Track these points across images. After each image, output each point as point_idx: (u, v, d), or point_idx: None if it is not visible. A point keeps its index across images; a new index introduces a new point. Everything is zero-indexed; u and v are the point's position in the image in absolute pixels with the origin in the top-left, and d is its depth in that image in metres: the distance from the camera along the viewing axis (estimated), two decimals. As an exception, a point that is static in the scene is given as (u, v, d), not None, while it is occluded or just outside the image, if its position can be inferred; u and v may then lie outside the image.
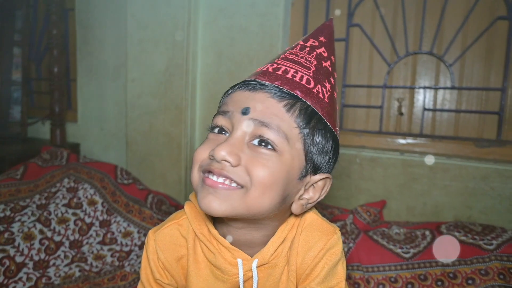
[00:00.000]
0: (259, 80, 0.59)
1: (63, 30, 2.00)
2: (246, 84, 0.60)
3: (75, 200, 1.40)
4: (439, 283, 1.09)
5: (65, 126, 1.99)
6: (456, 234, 1.17)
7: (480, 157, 1.46)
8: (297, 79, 0.59)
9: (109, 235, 1.37)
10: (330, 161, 0.62)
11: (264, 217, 0.59)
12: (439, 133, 1.56)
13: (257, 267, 0.62)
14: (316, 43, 0.64)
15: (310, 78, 0.60)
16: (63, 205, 1.36)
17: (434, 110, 1.56)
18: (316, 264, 0.62)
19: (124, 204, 1.49)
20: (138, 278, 1.15)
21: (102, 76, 2.05)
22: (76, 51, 2.10)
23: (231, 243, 0.62)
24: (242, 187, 0.55)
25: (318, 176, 0.61)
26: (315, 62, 0.62)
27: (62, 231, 1.30)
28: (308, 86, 0.59)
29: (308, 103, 0.58)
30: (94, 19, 2.03)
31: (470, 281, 1.06)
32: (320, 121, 0.59)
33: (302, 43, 0.65)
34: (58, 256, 1.24)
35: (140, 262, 1.28)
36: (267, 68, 0.61)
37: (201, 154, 0.58)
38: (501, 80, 1.45)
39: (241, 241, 0.63)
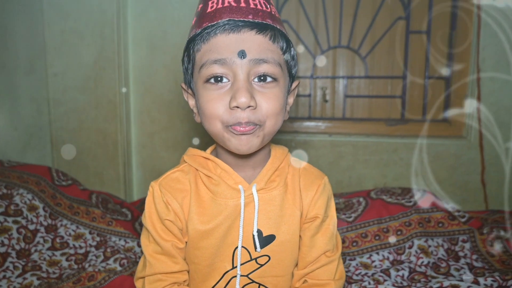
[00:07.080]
0: (234, 18, 0.61)
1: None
2: (222, 26, 0.61)
3: (12, 207, 1.27)
4: (377, 237, 1.32)
5: (-27, 128, 1.74)
6: (384, 197, 1.43)
7: (390, 134, 1.76)
8: (259, 7, 0.63)
9: (58, 240, 1.29)
10: (296, 65, 0.71)
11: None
12: (357, 115, 1.83)
13: (256, 191, 0.71)
14: None
15: (263, 1, 0.64)
16: (1, 214, 1.22)
17: (352, 96, 1.82)
18: (318, 198, 0.74)
19: (67, 206, 1.40)
20: (109, 276, 1.14)
21: (11, 69, 1.83)
22: (-27, 42, 1.83)
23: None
24: (261, 125, 0.63)
25: (294, 84, 0.73)
26: None
27: (6, 241, 1.18)
28: (267, 10, 0.64)
29: (278, 27, 0.64)
30: (-4, 5, 1.79)
31: (399, 232, 1.32)
32: (286, 36, 0.67)
33: None
34: (7, 268, 1.12)
35: (101, 262, 1.25)
36: (229, 3, 0.62)
37: (218, 109, 0.62)
38: (401, 69, 1.77)
39: (242, 167, 0.72)
